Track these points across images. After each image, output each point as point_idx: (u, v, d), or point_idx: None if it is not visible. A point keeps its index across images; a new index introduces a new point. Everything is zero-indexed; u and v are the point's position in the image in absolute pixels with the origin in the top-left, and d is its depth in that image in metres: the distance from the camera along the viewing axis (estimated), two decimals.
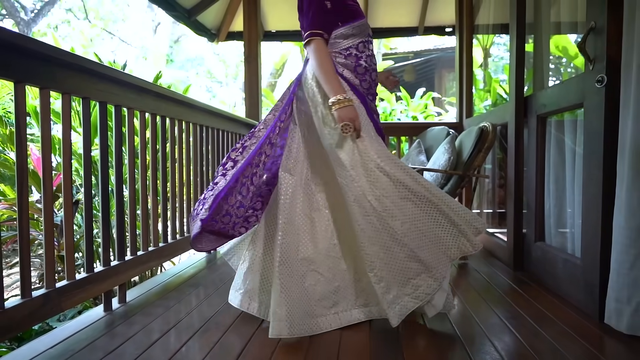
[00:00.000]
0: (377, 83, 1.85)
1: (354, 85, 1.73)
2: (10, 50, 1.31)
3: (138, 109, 2.09)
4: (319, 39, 1.66)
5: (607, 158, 1.71)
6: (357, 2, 1.82)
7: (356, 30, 1.74)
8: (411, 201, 1.61)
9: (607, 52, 1.70)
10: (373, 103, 1.82)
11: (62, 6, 16.32)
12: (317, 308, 1.66)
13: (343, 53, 1.74)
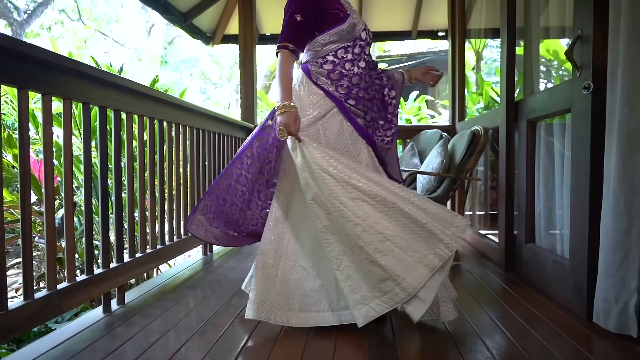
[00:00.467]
0: (366, 86, 1.83)
1: (328, 92, 1.78)
2: (14, 57, 1.34)
3: (136, 113, 2.12)
4: (283, 50, 1.74)
5: (593, 162, 1.76)
6: (343, 8, 1.81)
7: (334, 37, 1.77)
8: (366, 202, 1.59)
9: (593, 59, 1.76)
10: (359, 105, 1.81)
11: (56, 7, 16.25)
12: (297, 302, 1.70)
13: (319, 61, 1.80)
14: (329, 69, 1.78)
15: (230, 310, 1.95)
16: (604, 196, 1.69)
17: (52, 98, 1.57)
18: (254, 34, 4.25)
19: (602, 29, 1.74)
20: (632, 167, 1.59)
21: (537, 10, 2.52)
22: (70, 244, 1.66)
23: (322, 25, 1.77)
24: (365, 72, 1.84)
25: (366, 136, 1.82)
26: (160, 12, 3.94)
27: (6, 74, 1.34)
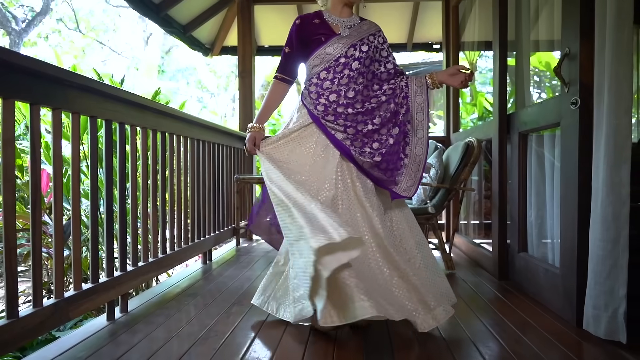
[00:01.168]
0: (348, 102, 1.88)
1: (309, 109, 1.93)
2: (29, 74, 1.40)
3: (140, 125, 2.18)
4: (274, 79, 2.04)
5: (581, 175, 1.84)
6: (328, 32, 1.92)
7: (316, 61, 1.92)
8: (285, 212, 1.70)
9: (580, 76, 1.85)
10: (339, 120, 1.87)
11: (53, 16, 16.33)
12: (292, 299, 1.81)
13: (307, 83, 1.97)
14: (311, 90, 1.94)
15: (231, 318, 2.00)
16: (592, 207, 1.76)
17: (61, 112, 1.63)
18: (252, 47, 4.34)
19: (588, 48, 1.83)
20: (619, 179, 1.66)
21: (527, 24, 2.61)
22: (77, 253, 1.71)
23: (309, 50, 1.93)
24: (350, 87, 1.88)
25: (341, 149, 1.87)
26: (161, 25, 4.02)
27: (20, 91, 1.40)
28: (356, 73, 1.89)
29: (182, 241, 2.74)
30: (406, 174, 1.94)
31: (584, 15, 1.85)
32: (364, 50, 1.92)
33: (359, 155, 1.86)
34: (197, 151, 2.92)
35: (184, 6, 4.06)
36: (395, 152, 1.91)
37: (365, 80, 1.93)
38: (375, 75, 1.96)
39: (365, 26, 1.99)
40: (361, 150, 1.87)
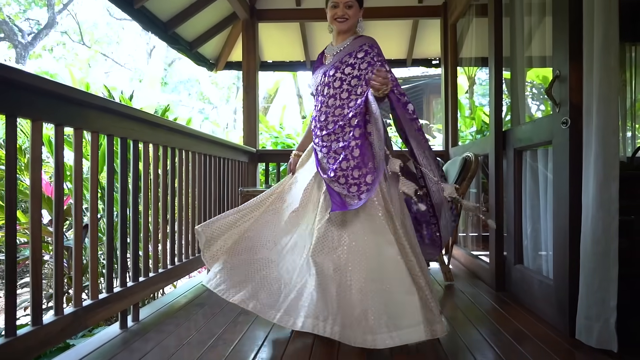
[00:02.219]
0: (318, 124, 2.02)
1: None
2: (55, 98, 1.51)
3: (152, 142, 2.28)
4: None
5: (572, 191, 1.94)
6: (317, 65, 2.14)
7: (313, 90, 2.14)
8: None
9: (570, 98, 1.96)
10: (317, 141, 2.04)
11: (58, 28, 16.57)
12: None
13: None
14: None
15: (238, 327, 2.08)
16: (583, 222, 1.85)
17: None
18: (256, 63, 4.46)
19: (577, 70, 1.94)
20: (608, 196, 1.76)
21: (521, 43, 2.73)
22: (94, 264, 1.80)
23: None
24: (322, 111, 2.01)
25: (318, 167, 2.01)
26: (168, 43, 4.15)
27: (46, 113, 1.51)
28: (326, 97, 2.00)
29: (190, 253, 2.83)
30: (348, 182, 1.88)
31: (572, 39, 1.96)
32: (331, 74, 2.00)
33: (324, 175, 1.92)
34: (204, 165, 3.03)
35: (190, 24, 4.19)
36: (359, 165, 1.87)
37: (338, 102, 1.96)
38: (350, 93, 1.96)
39: (347, 47, 2.02)
40: (328, 168, 1.95)
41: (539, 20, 2.64)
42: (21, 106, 1.39)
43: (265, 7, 4.42)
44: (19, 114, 1.40)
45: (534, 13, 2.68)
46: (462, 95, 7.59)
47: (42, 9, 15.23)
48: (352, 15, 2.03)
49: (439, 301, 2.54)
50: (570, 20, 1.97)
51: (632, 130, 4.50)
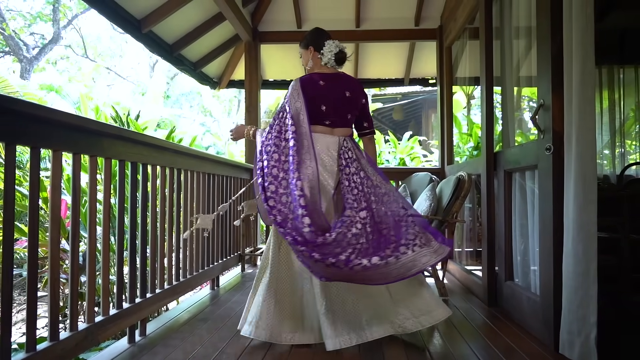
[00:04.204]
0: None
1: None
2: (76, 130, 1.64)
3: (160, 164, 2.41)
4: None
5: (556, 213, 2.06)
6: None
7: None
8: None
9: (553, 126, 2.09)
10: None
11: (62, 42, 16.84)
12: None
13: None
14: None
15: (241, 341, 2.19)
16: (565, 243, 1.97)
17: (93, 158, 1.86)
18: (258, 82, 4.62)
19: (559, 100, 2.07)
20: (587, 219, 1.88)
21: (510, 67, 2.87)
22: (106, 282, 1.92)
23: None
24: None
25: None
26: (174, 64, 4.31)
27: (66, 143, 1.64)
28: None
29: (194, 269, 2.94)
30: None
31: (554, 71, 2.10)
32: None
33: None
34: (207, 184, 3.15)
35: (194, 46, 4.36)
36: None
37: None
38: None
39: None
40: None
41: (527, 44, 2.78)
42: (43, 138, 1.52)
43: (267, 29, 4.59)
44: (42, 146, 1.53)
45: (522, 37, 2.82)
46: (459, 112, 7.76)
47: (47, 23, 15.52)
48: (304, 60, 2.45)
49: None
50: (552, 53, 2.11)
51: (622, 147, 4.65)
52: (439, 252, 2.02)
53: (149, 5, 3.51)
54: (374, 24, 4.54)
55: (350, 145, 2.30)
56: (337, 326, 2.03)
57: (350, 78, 2.41)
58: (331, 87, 2.29)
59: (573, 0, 1.93)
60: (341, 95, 2.30)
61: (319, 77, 2.30)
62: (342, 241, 1.95)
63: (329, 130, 2.28)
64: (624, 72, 4.49)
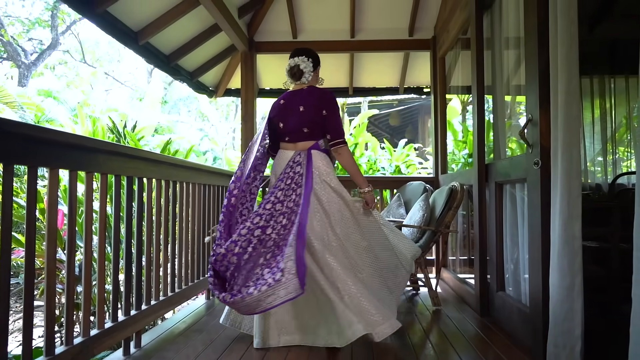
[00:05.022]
0: None
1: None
2: (72, 148, 1.68)
3: (155, 177, 2.45)
4: (346, 145, 2.39)
5: (544, 227, 2.10)
6: None
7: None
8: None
9: (540, 141, 2.13)
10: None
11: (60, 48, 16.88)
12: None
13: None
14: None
15: (234, 353, 2.22)
16: (551, 256, 2.01)
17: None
18: (254, 92, 4.66)
19: (546, 116, 2.12)
20: (572, 234, 1.92)
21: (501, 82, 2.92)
22: (101, 295, 1.95)
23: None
24: None
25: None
26: (170, 74, 4.35)
27: (63, 161, 1.67)
28: None
29: (189, 279, 2.97)
30: None
31: (542, 87, 2.15)
32: None
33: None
34: (203, 194, 3.19)
35: (191, 56, 4.40)
36: None
37: None
38: None
39: None
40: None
41: (518, 54, 2.82)
42: (41, 158, 1.56)
43: (263, 39, 4.63)
44: (39, 165, 1.56)
45: (513, 47, 2.86)
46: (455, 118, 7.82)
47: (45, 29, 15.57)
48: None
49: (427, 325, 2.69)
50: (540, 69, 2.16)
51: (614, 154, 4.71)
52: (288, 289, 1.86)
53: (145, 17, 3.56)
54: (369, 34, 4.59)
55: (301, 160, 2.32)
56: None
57: (311, 91, 2.38)
58: (288, 105, 2.40)
59: (558, 19, 1.98)
60: (295, 110, 2.36)
61: (283, 97, 2.47)
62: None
63: (291, 145, 2.40)
64: (614, 81, 4.55)
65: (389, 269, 2.44)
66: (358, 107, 10.86)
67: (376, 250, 2.41)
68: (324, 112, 2.34)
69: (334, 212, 2.31)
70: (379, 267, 2.40)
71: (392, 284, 2.44)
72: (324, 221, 2.26)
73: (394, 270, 2.45)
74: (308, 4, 4.44)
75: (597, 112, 4.66)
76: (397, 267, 2.46)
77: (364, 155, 6.55)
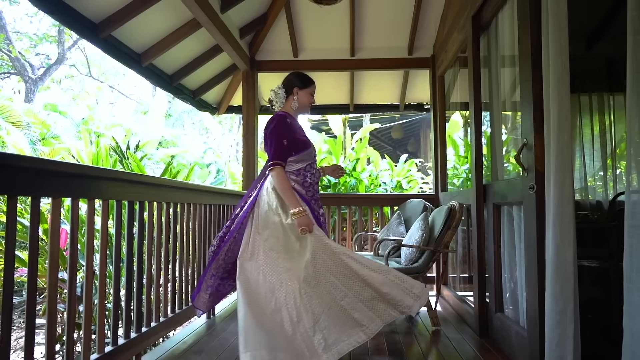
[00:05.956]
0: (318, 189, 2.57)
1: (301, 194, 2.44)
2: (74, 177, 1.73)
3: (157, 200, 2.49)
4: (279, 167, 2.39)
5: (540, 251, 2.12)
6: (306, 137, 2.57)
7: (305, 157, 2.48)
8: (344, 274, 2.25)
9: (535, 165, 2.16)
10: (315, 202, 2.51)
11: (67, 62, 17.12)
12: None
13: (295, 173, 2.46)
14: (302, 180, 2.45)
15: None
16: (546, 281, 2.02)
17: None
18: (256, 110, 4.73)
19: (541, 140, 2.14)
20: (564, 259, 1.93)
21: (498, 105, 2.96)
22: (102, 320, 1.98)
23: (297, 147, 2.44)
24: (316, 178, 2.55)
25: (317, 219, 2.44)
26: (173, 93, 4.43)
27: (66, 190, 1.72)
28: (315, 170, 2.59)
29: (190, 299, 2.99)
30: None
31: (536, 112, 2.18)
32: (316, 152, 2.64)
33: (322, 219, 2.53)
34: (203, 215, 3.22)
35: (193, 76, 4.48)
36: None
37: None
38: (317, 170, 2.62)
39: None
40: (321, 215, 2.54)
41: (514, 71, 2.85)
42: (44, 188, 1.60)
43: (264, 58, 4.71)
44: (42, 194, 1.61)
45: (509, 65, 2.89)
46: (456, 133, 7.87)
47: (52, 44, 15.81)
48: None
49: (426, 346, 2.70)
50: (534, 95, 2.20)
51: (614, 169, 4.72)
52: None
53: (148, 40, 3.63)
54: (369, 52, 4.66)
55: (262, 180, 2.53)
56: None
57: (269, 120, 2.54)
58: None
59: (550, 46, 2.02)
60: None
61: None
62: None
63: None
64: (614, 98, 4.58)
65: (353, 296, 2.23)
66: (360, 120, 10.93)
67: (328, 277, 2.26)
68: (267, 138, 2.48)
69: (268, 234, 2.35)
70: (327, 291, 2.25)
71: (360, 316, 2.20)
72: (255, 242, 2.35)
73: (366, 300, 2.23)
74: (308, 23, 4.52)
75: (596, 128, 4.69)
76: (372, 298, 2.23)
77: (366, 170, 6.58)
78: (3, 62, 14.63)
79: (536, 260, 2.14)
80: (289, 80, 2.64)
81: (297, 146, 2.45)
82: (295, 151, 2.44)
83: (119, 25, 3.18)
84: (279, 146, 2.39)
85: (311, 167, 2.52)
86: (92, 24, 3.09)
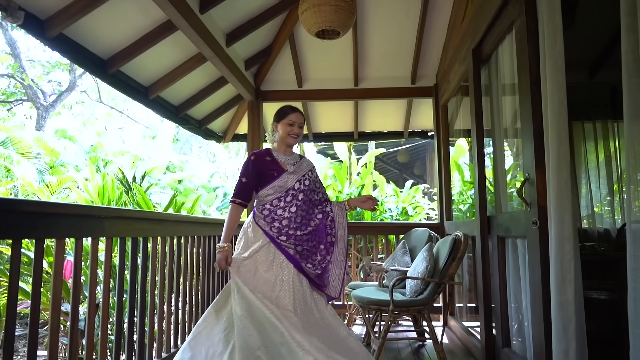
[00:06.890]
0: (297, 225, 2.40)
1: (265, 230, 2.39)
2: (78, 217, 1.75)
3: (160, 235, 2.51)
4: (232, 204, 2.43)
5: (544, 288, 2.09)
6: (280, 169, 2.46)
7: (271, 191, 2.42)
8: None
9: (538, 200, 2.16)
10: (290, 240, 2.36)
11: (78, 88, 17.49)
12: None
13: (260, 208, 2.45)
14: (265, 214, 2.40)
15: None
16: (551, 318, 2.00)
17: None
18: (261, 139, 4.78)
19: (542, 175, 2.14)
20: (565, 298, 1.91)
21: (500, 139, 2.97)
22: (104, 353, 1.98)
23: (263, 182, 2.43)
24: (298, 214, 2.41)
25: (294, 263, 2.35)
26: (180, 124, 4.50)
27: (70, 231, 1.74)
28: (301, 202, 2.43)
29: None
30: (332, 276, 2.44)
31: (537, 148, 2.19)
32: (306, 184, 2.49)
33: (306, 268, 2.37)
34: (208, 245, 3.23)
35: (199, 107, 4.55)
36: (327, 262, 2.43)
37: (307, 207, 2.46)
38: (312, 202, 2.51)
39: (304, 164, 2.54)
40: (307, 263, 2.38)
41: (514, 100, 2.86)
42: (48, 230, 1.63)
43: (269, 88, 4.78)
44: (46, 236, 1.63)
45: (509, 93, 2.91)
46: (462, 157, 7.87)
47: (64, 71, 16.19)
48: (301, 134, 2.54)
49: None
50: (534, 130, 2.21)
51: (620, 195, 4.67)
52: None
53: (155, 74, 3.71)
54: (372, 82, 4.71)
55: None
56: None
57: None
58: None
59: (548, 84, 2.04)
60: None
61: None
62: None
63: None
64: (618, 125, 4.58)
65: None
66: (365, 145, 10.99)
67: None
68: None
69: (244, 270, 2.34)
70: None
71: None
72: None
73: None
74: (312, 54, 4.60)
75: (602, 155, 4.67)
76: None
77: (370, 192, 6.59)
78: (16, 89, 14.99)
79: (541, 297, 2.11)
80: (276, 114, 2.65)
81: (263, 179, 2.42)
82: (262, 184, 2.43)
83: (126, 61, 3.26)
84: (238, 184, 2.45)
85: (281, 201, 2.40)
86: (101, 61, 3.17)
